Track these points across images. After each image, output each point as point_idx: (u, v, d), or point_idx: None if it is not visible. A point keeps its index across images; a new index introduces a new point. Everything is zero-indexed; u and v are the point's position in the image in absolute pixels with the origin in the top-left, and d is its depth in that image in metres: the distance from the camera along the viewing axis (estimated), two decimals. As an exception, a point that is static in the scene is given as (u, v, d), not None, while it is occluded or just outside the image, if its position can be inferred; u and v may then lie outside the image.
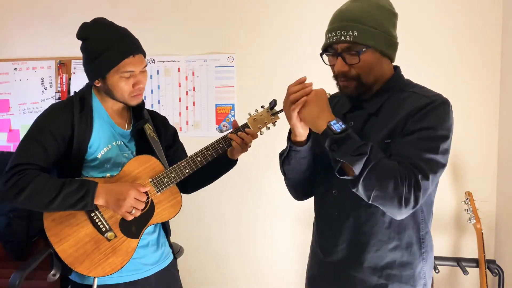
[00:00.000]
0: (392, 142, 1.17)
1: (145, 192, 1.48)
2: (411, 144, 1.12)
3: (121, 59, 1.44)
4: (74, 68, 2.85)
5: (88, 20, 1.53)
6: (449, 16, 2.55)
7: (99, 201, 1.41)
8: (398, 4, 1.79)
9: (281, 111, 1.52)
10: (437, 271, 2.26)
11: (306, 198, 1.47)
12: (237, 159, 1.63)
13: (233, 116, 2.77)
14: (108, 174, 1.51)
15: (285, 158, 1.31)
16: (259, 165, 2.68)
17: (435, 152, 1.11)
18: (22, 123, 2.91)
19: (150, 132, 1.62)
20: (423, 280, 1.27)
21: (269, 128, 1.56)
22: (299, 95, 1.18)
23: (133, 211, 1.43)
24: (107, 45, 1.44)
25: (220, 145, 1.54)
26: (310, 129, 1.24)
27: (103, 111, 1.54)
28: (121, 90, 1.47)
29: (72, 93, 2.80)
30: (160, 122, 1.72)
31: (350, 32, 1.16)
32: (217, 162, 1.63)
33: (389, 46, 1.22)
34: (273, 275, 2.78)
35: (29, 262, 2.31)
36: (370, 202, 1.13)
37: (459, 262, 2.33)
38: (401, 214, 1.11)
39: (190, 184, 1.67)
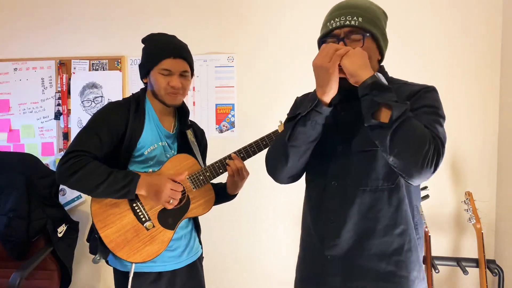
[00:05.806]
0: None
1: (182, 188, 1.63)
2: (421, 117, 1.12)
3: (162, 58, 1.61)
4: (74, 68, 2.85)
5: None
6: (449, 16, 2.55)
7: (141, 191, 1.56)
8: (398, 4, 1.79)
9: None
10: (437, 271, 2.26)
11: (289, 180, 1.37)
12: (235, 195, 1.82)
13: (233, 116, 2.77)
14: (150, 170, 1.66)
15: (302, 117, 1.22)
16: (258, 165, 2.68)
17: (441, 125, 1.14)
18: (22, 123, 2.91)
19: (191, 136, 1.79)
20: (422, 266, 1.28)
21: None
22: (342, 47, 1.15)
23: (171, 201, 1.58)
24: (155, 47, 1.65)
25: (252, 149, 1.70)
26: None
27: (153, 113, 1.70)
28: (158, 86, 1.63)
29: (71, 93, 2.84)
30: (198, 132, 1.90)
31: (355, 18, 1.20)
32: (219, 189, 1.80)
33: (383, 41, 1.27)
34: (270, 275, 2.79)
35: (29, 262, 2.32)
36: (390, 156, 1.09)
37: (459, 262, 2.34)
38: (419, 175, 1.07)
39: None
